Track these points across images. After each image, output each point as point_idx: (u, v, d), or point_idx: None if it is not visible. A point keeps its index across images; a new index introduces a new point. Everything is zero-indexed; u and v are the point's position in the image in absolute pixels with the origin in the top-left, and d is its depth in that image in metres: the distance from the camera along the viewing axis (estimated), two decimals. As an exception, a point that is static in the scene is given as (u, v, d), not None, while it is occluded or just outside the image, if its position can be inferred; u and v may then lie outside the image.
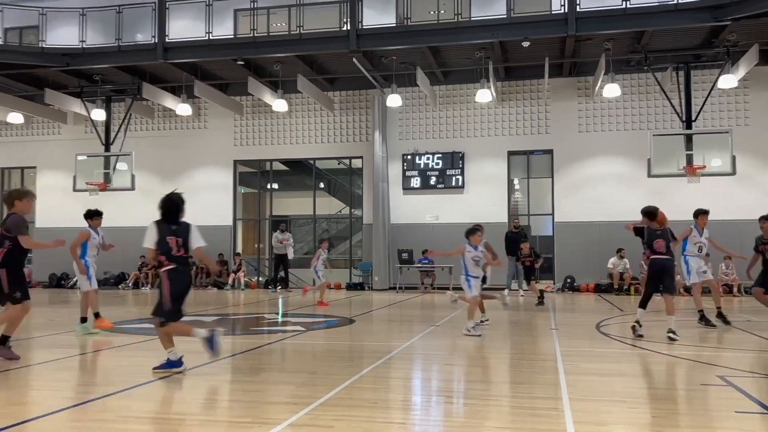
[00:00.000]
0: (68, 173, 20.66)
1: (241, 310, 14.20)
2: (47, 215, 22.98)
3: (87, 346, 8.43)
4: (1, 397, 5.65)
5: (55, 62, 18.69)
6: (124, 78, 19.72)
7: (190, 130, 22.17)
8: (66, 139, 22.74)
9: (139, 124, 22.15)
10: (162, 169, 22.05)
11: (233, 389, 6.13)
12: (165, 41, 17.98)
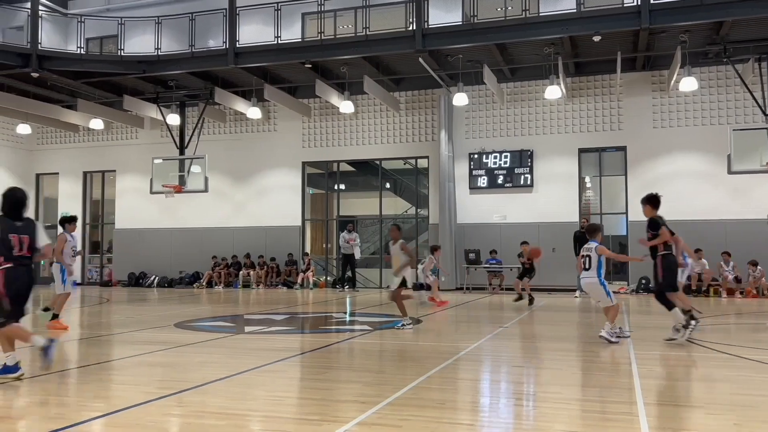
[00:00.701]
0: (145, 176, 21.50)
1: (310, 309, 14.42)
2: (126, 216, 24.00)
3: (166, 343, 8.74)
4: (86, 391, 5.94)
5: (132, 70, 19.48)
6: (197, 83, 20.35)
7: (260, 133, 22.68)
8: (143, 144, 23.68)
9: (211, 128, 22.83)
10: (233, 171, 22.66)
11: (302, 387, 6.22)
12: (236, 46, 18.45)
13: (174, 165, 20.43)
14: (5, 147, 24.14)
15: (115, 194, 24.49)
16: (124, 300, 17.04)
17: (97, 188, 25.18)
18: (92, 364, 7.39)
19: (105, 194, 25.06)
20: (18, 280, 6.14)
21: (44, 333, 9.62)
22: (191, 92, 20.57)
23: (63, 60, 19.27)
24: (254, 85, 19.95)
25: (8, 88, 20.32)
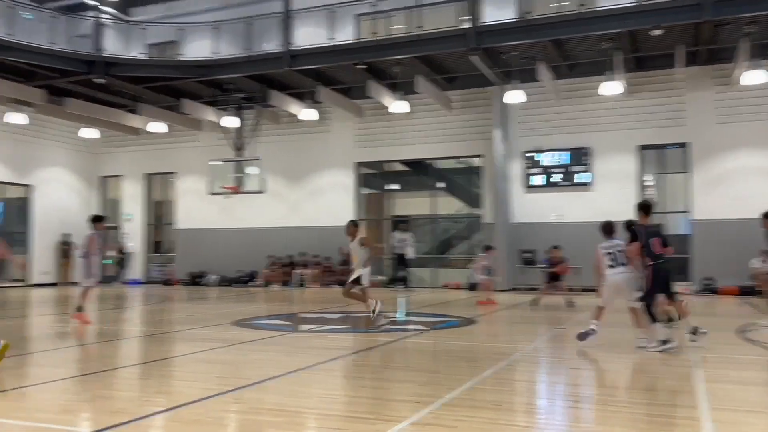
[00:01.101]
0: (204, 178, 22.02)
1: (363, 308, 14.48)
2: (186, 217, 24.65)
3: (224, 340, 8.93)
4: (148, 386, 6.13)
5: (191, 74, 19.98)
6: (253, 86, 20.72)
7: (314, 134, 22.93)
8: (202, 146, 24.27)
9: (267, 130, 23.20)
10: (288, 172, 22.98)
11: (357, 385, 6.26)
12: (290, 49, 18.70)
13: (231, 166, 20.88)
14: (72, 150, 25.13)
15: (176, 195, 25.19)
16: (184, 298, 17.50)
17: (159, 190, 25.94)
18: (154, 360, 7.63)
19: (166, 195, 25.80)
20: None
21: (66, 325, 9.98)
22: (247, 95, 20.97)
23: (125, 66, 19.92)
24: (308, 86, 20.18)
25: (75, 94, 21.14)
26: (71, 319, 10.68)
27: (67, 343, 9.18)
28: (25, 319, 12.45)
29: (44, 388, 6.00)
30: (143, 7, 24.21)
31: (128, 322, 12.28)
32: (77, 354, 8.22)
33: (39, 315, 12.98)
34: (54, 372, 7.02)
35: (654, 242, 7.55)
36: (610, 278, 8.16)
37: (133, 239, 25.47)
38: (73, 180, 25.20)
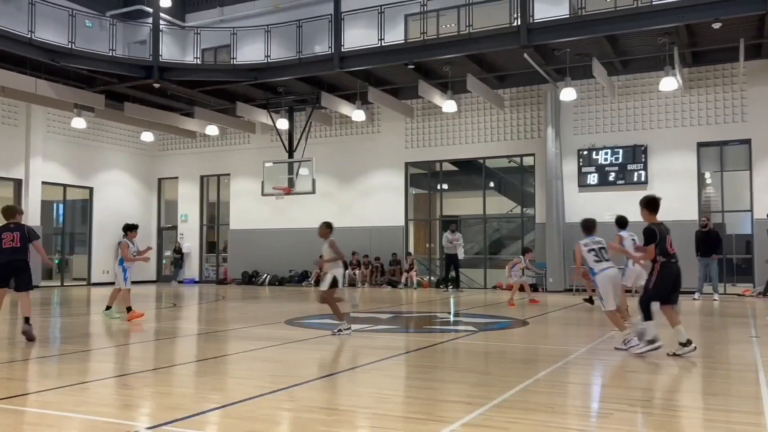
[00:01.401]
0: (257, 179, 22.39)
1: (414, 309, 14.48)
2: (239, 218, 25.12)
3: (277, 339, 9.06)
4: (204, 383, 6.26)
5: (244, 77, 20.35)
6: (305, 88, 20.96)
7: (364, 135, 23.04)
8: (254, 148, 24.69)
9: (318, 131, 23.44)
10: (339, 172, 23.16)
11: (408, 385, 6.25)
12: (341, 51, 18.84)
13: (283, 168, 21.17)
14: (131, 153, 25.92)
15: (230, 196, 25.69)
16: (238, 297, 17.83)
17: (213, 191, 26.51)
18: (210, 358, 7.79)
19: (220, 197, 26.34)
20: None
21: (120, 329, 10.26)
22: (299, 97, 21.23)
23: (181, 70, 20.44)
24: (358, 88, 20.29)
25: (133, 99, 21.80)
26: (128, 322, 11.07)
27: (126, 340, 9.47)
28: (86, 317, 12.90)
29: (105, 384, 6.21)
30: (198, 13, 24.81)
31: (184, 320, 12.59)
32: (136, 351, 8.47)
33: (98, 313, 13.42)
34: (114, 368, 7.26)
35: (669, 240, 7.27)
36: (602, 274, 8.03)
37: (188, 240, 26.11)
38: (132, 182, 25.99)
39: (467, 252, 21.17)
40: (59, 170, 23.18)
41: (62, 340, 9.52)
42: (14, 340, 9.53)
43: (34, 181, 22.10)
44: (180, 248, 25.88)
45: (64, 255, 25.50)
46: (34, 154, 22.08)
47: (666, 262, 7.22)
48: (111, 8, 22.95)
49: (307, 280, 22.93)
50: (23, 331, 8.70)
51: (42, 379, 6.55)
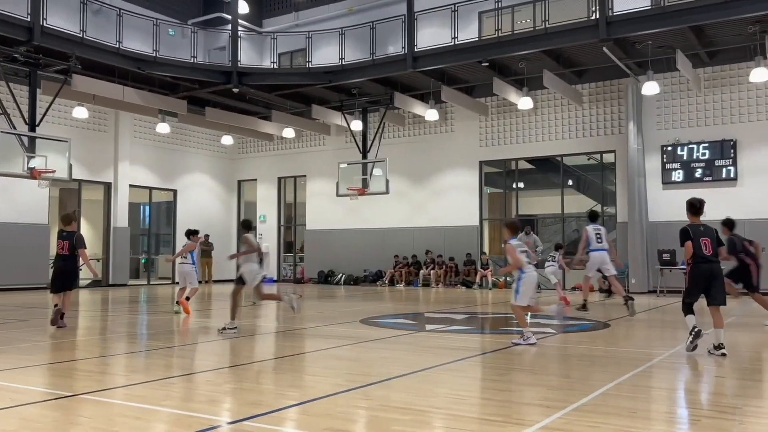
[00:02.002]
0: (332, 180, 22.71)
1: (490, 309, 14.30)
2: (315, 218, 25.54)
3: (352, 338, 9.14)
4: (282, 380, 6.39)
5: (319, 80, 20.68)
6: (378, 89, 21.09)
7: (438, 134, 22.96)
8: (329, 149, 25.04)
9: (391, 132, 23.53)
10: (412, 172, 23.17)
11: (484, 387, 6.17)
12: (414, 51, 18.84)
13: (357, 169, 21.40)
14: (212, 157, 26.82)
15: (306, 197, 26.17)
16: (314, 296, 18.13)
17: (290, 192, 27.09)
18: (287, 355, 7.95)
19: (297, 197, 26.88)
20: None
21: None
22: (372, 98, 21.38)
23: (259, 75, 20.98)
24: (432, 87, 20.23)
25: (213, 104, 22.55)
26: (178, 305, 12.90)
27: (208, 337, 9.79)
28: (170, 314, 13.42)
29: (189, 379, 6.44)
30: (274, 18, 25.40)
31: (263, 318, 12.90)
32: (217, 347, 8.74)
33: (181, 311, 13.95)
34: (197, 364, 7.51)
35: (704, 242, 7.26)
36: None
37: (267, 240, 26.76)
38: (213, 184, 26.89)
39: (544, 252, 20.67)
40: (145, 174, 24.24)
41: (148, 337, 9.94)
42: (105, 336, 10.04)
43: (122, 184, 23.23)
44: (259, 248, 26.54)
45: (150, 255, 26.68)
46: (122, 159, 23.20)
47: (695, 263, 7.30)
48: (192, 17, 23.82)
49: (381, 279, 23.06)
50: (52, 320, 9.94)
51: (130, 373, 6.86)
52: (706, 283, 7.29)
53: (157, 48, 19.50)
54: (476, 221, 22.13)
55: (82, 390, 5.63)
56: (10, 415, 4.76)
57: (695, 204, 7.64)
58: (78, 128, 21.50)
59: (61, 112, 20.45)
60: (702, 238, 7.27)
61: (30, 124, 16.91)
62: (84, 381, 6.22)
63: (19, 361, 7.27)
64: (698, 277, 7.29)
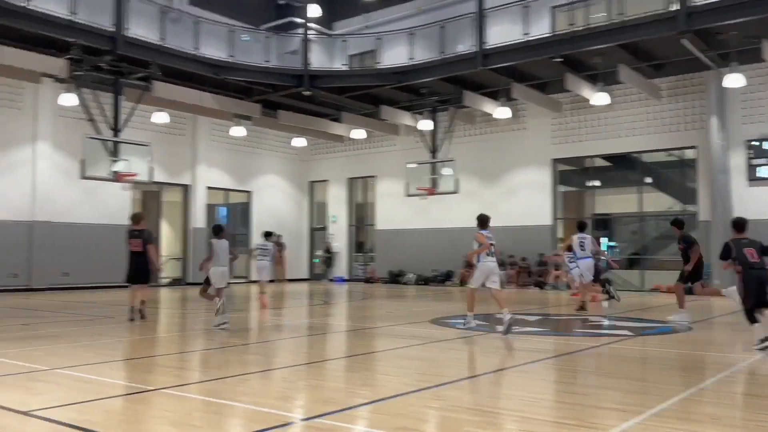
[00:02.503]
0: (401, 180, 22.75)
1: (564, 311, 13.98)
2: (385, 218, 25.66)
3: (422, 338, 9.14)
4: (354, 378, 6.46)
5: (388, 81, 20.75)
6: (447, 88, 20.97)
7: (509, 132, 22.64)
8: (399, 150, 25.11)
9: (461, 131, 23.35)
10: (482, 171, 22.93)
11: (557, 390, 6.04)
12: (484, 48, 18.63)
13: (427, 168, 21.36)
14: (284, 159, 27.38)
15: (376, 198, 26.34)
16: (384, 296, 18.22)
17: (360, 192, 27.33)
18: (359, 354, 8.02)
19: (367, 198, 27.10)
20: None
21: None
22: (442, 98, 21.28)
23: (329, 77, 21.26)
24: (502, 84, 19.96)
25: (286, 107, 23.01)
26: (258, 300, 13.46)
27: (282, 335, 10.00)
28: (245, 312, 13.79)
29: (263, 375, 6.59)
30: (344, 21, 25.66)
31: (334, 317, 13.07)
32: (290, 345, 8.91)
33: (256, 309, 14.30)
34: (271, 361, 7.69)
35: (749, 252, 8.16)
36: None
37: (338, 240, 27.11)
38: (286, 185, 27.45)
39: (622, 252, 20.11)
40: (221, 176, 25.00)
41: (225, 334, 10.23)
42: (183, 333, 10.41)
43: (199, 186, 24.04)
44: (330, 248, 26.95)
45: (227, 254, 27.44)
46: (199, 162, 24.01)
47: (745, 269, 8.13)
48: (265, 22, 24.38)
49: (451, 279, 22.94)
50: (140, 309, 11.00)
51: (208, 369, 7.09)
52: (758, 286, 8.04)
53: (232, 53, 20.08)
54: (549, 220, 21.69)
55: (162, 384, 5.86)
56: (95, 407, 5.01)
57: (739, 222, 8.77)
58: (158, 133, 22.38)
59: (142, 118, 21.34)
60: (746, 248, 8.21)
61: (114, 129, 17.73)
62: (164, 376, 6.47)
63: (104, 356, 7.64)
64: (750, 281, 8.08)
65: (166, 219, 24.47)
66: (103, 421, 4.58)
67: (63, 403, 5.10)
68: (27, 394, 5.38)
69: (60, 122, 20.06)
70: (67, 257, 19.94)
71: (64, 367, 6.60)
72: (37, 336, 9.29)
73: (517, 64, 19.03)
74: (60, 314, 12.78)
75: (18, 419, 4.62)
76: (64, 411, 4.84)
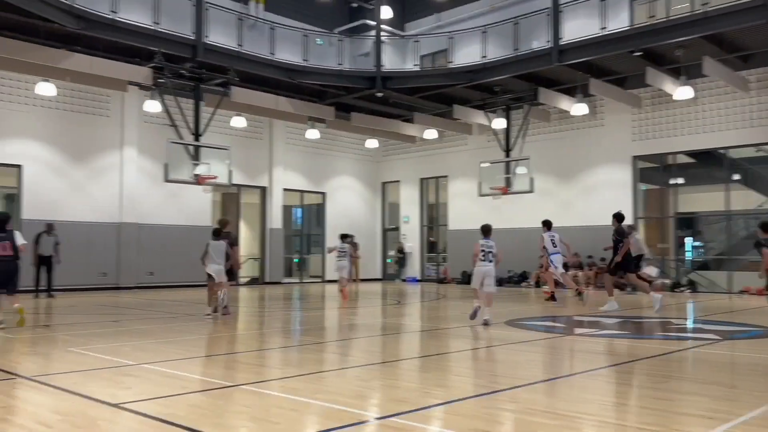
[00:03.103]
0: (474, 180, 22.55)
1: (645, 313, 13.49)
2: (457, 218, 25.51)
3: (497, 339, 9.03)
4: (428, 378, 6.45)
5: (461, 80, 20.62)
6: (521, 86, 20.64)
7: (586, 129, 22.06)
8: (471, 149, 24.91)
9: (535, 129, 22.95)
10: (558, 170, 22.44)
11: (639, 395, 5.84)
12: (559, 44, 18.23)
13: (500, 167, 21.08)
14: (357, 160, 27.67)
15: (448, 198, 26.22)
16: (457, 296, 18.11)
17: (432, 193, 27.28)
18: (432, 354, 8.01)
19: (439, 198, 27.02)
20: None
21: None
22: (516, 95, 20.96)
23: (401, 78, 21.32)
24: (579, 80, 19.48)
25: (358, 108, 23.25)
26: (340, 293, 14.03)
27: (356, 334, 10.11)
28: (321, 311, 14.01)
29: (339, 374, 6.68)
30: (416, 21, 25.69)
31: (408, 317, 13.10)
32: (365, 344, 9.00)
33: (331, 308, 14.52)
34: (346, 360, 7.78)
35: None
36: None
37: (410, 240, 27.15)
38: (359, 186, 27.73)
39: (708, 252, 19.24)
40: (296, 178, 25.52)
41: (302, 332, 10.44)
42: (262, 330, 10.68)
43: (276, 188, 24.62)
44: (403, 248, 27.03)
45: (302, 255, 28.05)
46: (276, 164, 24.59)
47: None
48: (338, 25, 24.72)
49: (526, 280, 22.56)
50: (224, 306, 11.82)
51: (286, 366, 7.25)
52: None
53: (306, 57, 20.46)
54: (630, 220, 20.96)
55: (242, 381, 6.04)
56: (180, 402, 5.21)
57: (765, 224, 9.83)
58: (236, 136, 23.07)
59: (221, 122, 22.07)
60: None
61: (195, 134, 18.40)
62: (244, 372, 6.67)
63: (187, 352, 7.94)
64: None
65: (244, 220, 25.19)
66: (186, 415, 4.76)
67: (149, 397, 5.33)
68: (117, 388, 5.66)
69: (145, 128, 21.01)
70: (152, 257, 20.87)
71: (151, 362, 6.90)
72: (125, 332, 9.76)
73: (595, 59, 18.54)
74: (146, 312, 13.38)
75: (109, 411, 4.87)
76: (151, 404, 5.06)
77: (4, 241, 9.88)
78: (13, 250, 9.92)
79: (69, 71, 16.70)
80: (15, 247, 9.95)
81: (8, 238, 9.92)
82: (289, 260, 28.03)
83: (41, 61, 16.00)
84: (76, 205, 19.73)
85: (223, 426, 4.49)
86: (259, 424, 4.55)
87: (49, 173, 19.30)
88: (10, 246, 9.89)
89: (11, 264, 9.92)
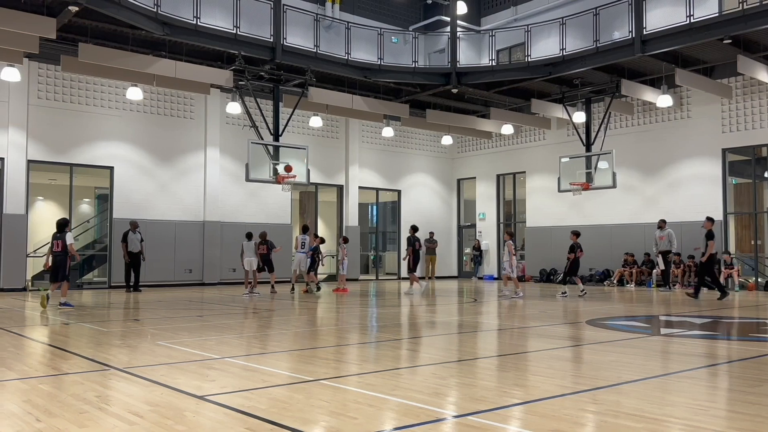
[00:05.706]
0: (553, 175, 22.06)
1: (737, 314, 12.82)
2: (536, 215, 25.03)
3: (578, 339, 8.80)
4: (506, 378, 6.36)
5: (538, 73, 20.20)
6: (602, 78, 20.02)
7: (672, 122, 21.17)
8: (550, 144, 24.37)
9: (618, 122, 22.22)
10: (642, 164, 21.65)
11: (731, 398, 5.54)
12: (642, 34, 17.57)
13: (581, 162, 20.51)
14: (432, 157, 27.60)
15: (526, 194, 25.76)
16: (536, 295, 17.77)
17: (509, 189, 26.87)
18: (510, 353, 7.89)
19: (516, 194, 26.58)
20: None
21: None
22: (596, 88, 20.36)
23: (477, 74, 21.10)
24: (664, 71, 18.70)
25: (433, 105, 23.17)
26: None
27: (433, 331, 10.09)
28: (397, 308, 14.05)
29: (415, 371, 6.69)
30: (492, 15, 25.37)
31: (485, 315, 12.96)
32: (442, 342, 8.96)
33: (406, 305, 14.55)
34: (423, 357, 7.77)
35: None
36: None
37: (486, 237, 26.85)
38: (434, 184, 27.66)
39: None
40: (372, 176, 25.72)
41: (378, 329, 10.51)
42: (339, 326, 10.83)
43: (352, 187, 24.90)
44: (479, 245, 26.76)
45: (378, 252, 28.24)
46: (352, 163, 24.87)
47: None
48: (413, 23, 24.72)
49: (609, 279, 21.88)
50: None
51: (363, 362, 7.31)
52: None
53: (381, 56, 20.57)
54: (719, 215, 20.00)
55: (321, 376, 6.14)
56: (262, 395, 5.35)
57: None
58: (313, 136, 23.47)
59: (299, 122, 22.49)
60: None
61: (274, 134, 18.84)
62: (323, 367, 6.77)
63: (269, 347, 8.14)
64: None
65: (321, 218, 25.61)
66: (267, 408, 4.88)
67: (232, 390, 5.50)
68: (201, 380, 5.87)
69: (226, 129, 21.70)
70: (234, 254, 21.52)
71: (233, 356, 7.12)
72: (210, 327, 10.11)
73: (681, 49, 17.76)
74: (228, 307, 13.82)
75: (194, 402, 5.05)
76: (233, 397, 5.22)
77: (58, 240, 12.57)
78: (63, 248, 12.52)
79: (155, 76, 17.45)
80: (65, 246, 12.54)
81: (62, 238, 12.60)
82: (366, 257, 28.29)
83: (130, 67, 16.80)
84: (163, 204, 20.62)
85: (302, 420, 4.57)
86: (337, 419, 4.61)
87: (138, 174, 20.25)
88: (62, 244, 12.54)
89: (61, 258, 12.55)
